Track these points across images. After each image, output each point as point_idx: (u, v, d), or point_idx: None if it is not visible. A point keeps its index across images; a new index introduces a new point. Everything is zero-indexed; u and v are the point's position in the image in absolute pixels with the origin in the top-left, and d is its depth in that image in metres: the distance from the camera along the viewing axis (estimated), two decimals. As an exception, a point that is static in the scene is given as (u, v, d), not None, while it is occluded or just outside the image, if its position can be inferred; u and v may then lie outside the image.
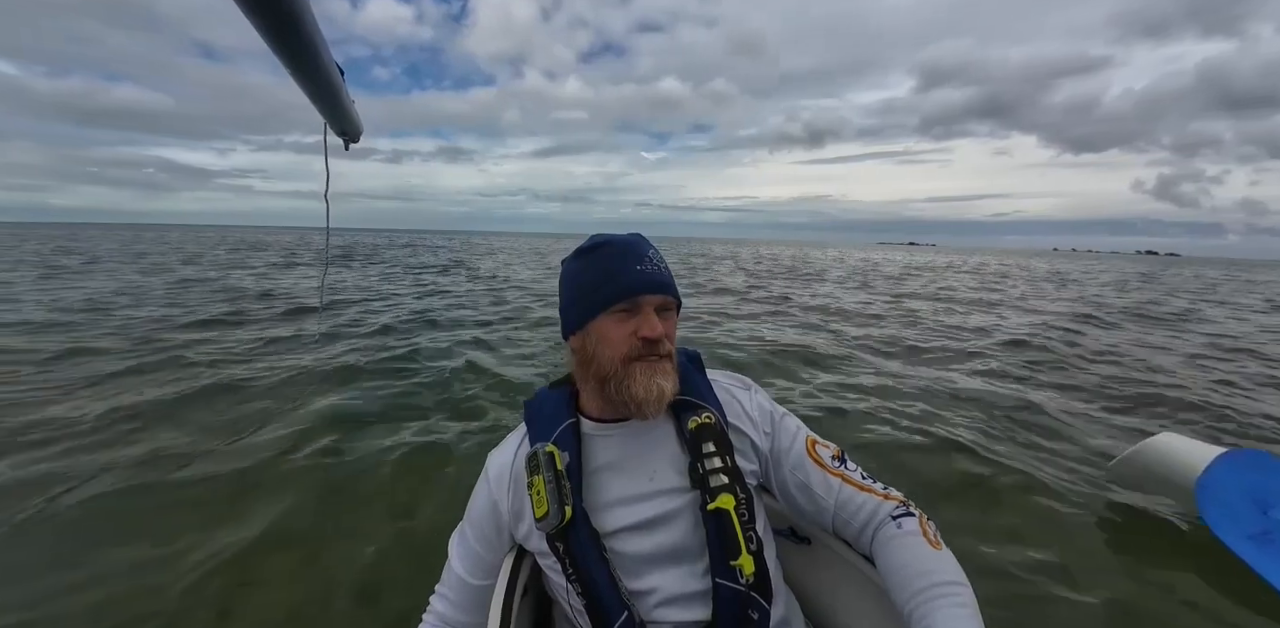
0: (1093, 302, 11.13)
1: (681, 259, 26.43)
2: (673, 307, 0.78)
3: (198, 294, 8.52)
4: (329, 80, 0.83)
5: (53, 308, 6.73)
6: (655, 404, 0.72)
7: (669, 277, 0.77)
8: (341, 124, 1.07)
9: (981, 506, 2.33)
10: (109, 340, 5.03)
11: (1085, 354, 5.58)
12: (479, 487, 0.84)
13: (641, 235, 0.80)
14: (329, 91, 0.87)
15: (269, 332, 5.68)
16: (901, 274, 19.40)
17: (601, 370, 0.74)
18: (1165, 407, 3.83)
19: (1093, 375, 4.67)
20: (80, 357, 4.43)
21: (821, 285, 13.57)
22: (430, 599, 0.87)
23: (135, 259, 16.12)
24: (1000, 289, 13.98)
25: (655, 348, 0.73)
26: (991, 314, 8.70)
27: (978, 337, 6.41)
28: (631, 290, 0.73)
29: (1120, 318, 8.67)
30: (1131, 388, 4.27)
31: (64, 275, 10.88)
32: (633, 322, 0.73)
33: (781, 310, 8.53)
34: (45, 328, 5.54)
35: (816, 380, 4.29)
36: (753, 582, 0.70)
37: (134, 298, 7.87)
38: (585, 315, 0.76)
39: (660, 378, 0.73)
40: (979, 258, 45.97)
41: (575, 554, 0.71)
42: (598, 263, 0.76)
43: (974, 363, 5.03)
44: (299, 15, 0.60)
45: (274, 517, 2.15)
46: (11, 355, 4.39)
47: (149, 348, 4.80)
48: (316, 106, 0.94)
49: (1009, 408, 3.61)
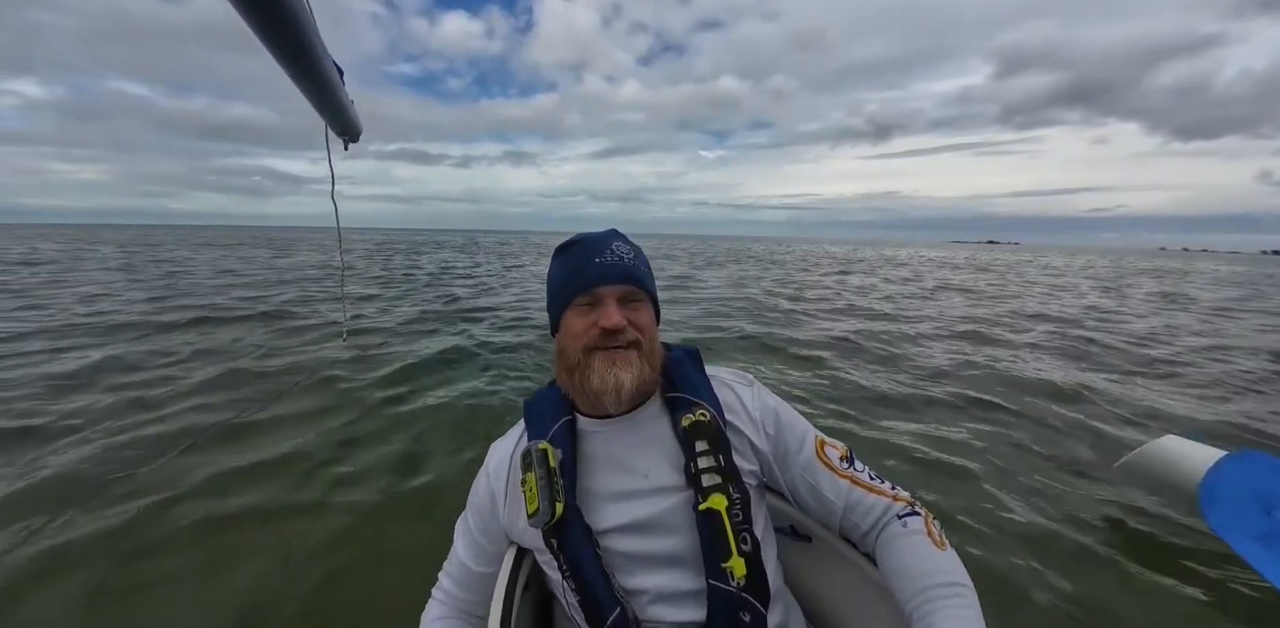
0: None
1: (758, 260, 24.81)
2: (641, 297, 0.77)
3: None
4: (327, 81, 0.83)
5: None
6: (613, 396, 0.72)
7: (633, 267, 0.76)
8: (341, 124, 1.07)
9: (985, 504, 2.33)
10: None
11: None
12: (479, 478, 0.85)
13: (615, 230, 0.82)
14: (328, 92, 0.87)
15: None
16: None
17: (568, 362, 0.75)
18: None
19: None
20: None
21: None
22: (439, 576, 0.88)
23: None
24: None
25: (615, 338, 0.73)
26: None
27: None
28: (590, 282, 0.74)
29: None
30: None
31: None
32: (594, 313, 0.74)
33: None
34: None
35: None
36: (744, 584, 0.68)
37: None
38: (556, 312, 0.78)
39: (620, 369, 0.72)
40: (1063, 260, 41.93)
41: (569, 551, 0.71)
42: (566, 261, 0.78)
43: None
44: (295, 15, 0.61)
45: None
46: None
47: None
48: (315, 106, 0.94)
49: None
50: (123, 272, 11.73)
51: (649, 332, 0.77)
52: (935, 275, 16.77)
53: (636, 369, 0.73)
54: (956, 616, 0.61)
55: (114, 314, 6.28)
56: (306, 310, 6.95)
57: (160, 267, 13.29)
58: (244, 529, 2.06)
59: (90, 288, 8.70)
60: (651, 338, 0.77)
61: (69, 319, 5.89)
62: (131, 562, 1.84)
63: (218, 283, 9.96)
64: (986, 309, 8.64)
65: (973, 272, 19.87)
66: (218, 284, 9.73)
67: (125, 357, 4.35)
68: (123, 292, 8.36)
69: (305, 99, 0.89)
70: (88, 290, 8.37)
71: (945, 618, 0.61)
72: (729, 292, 10.32)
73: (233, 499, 2.23)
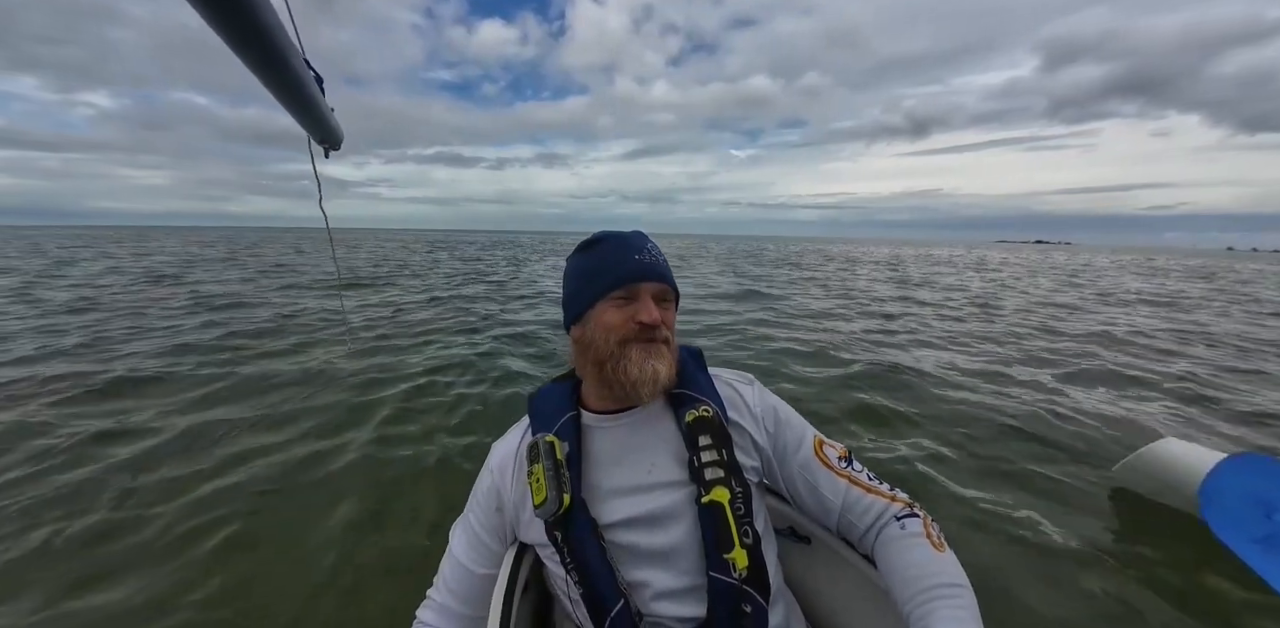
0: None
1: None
2: (671, 298, 0.79)
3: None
4: (303, 90, 0.82)
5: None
6: (650, 386, 0.73)
7: (666, 268, 0.79)
8: (321, 132, 1.07)
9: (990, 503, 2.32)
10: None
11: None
12: (482, 476, 0.85)
13: (641, 232, 0.83)
14: (304, 101, 0.86)
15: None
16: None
17: (599, 354, 0.75)
18: None
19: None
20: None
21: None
22: (428, 593, 0.83)
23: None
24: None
25: (652, 333, 0.74)
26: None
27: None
28: (630, 278, 0.75)
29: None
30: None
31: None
32: (631, 308, 0.75)
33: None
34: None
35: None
36: (745, 576, 0.69)
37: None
38: (586, 304, 0.78)
39: (656, 360, 0.73)
40: (1106, 258, 38.64)
41: (573, 543, 0.72)
42: (598, 255, 0.79)
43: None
44: (264, 24, 0.59)
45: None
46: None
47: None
48: (293, 116, 0.93)
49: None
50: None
51: (674, 331, 0.79)
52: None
53: (669, 361, 0.76)
54: (953, 617, 0.60)
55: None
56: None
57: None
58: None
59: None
60: (674, 338, 0.80)
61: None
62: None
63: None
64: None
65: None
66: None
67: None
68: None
69: (283, 107, 0.89)
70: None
71: (942, 619, 0.60)
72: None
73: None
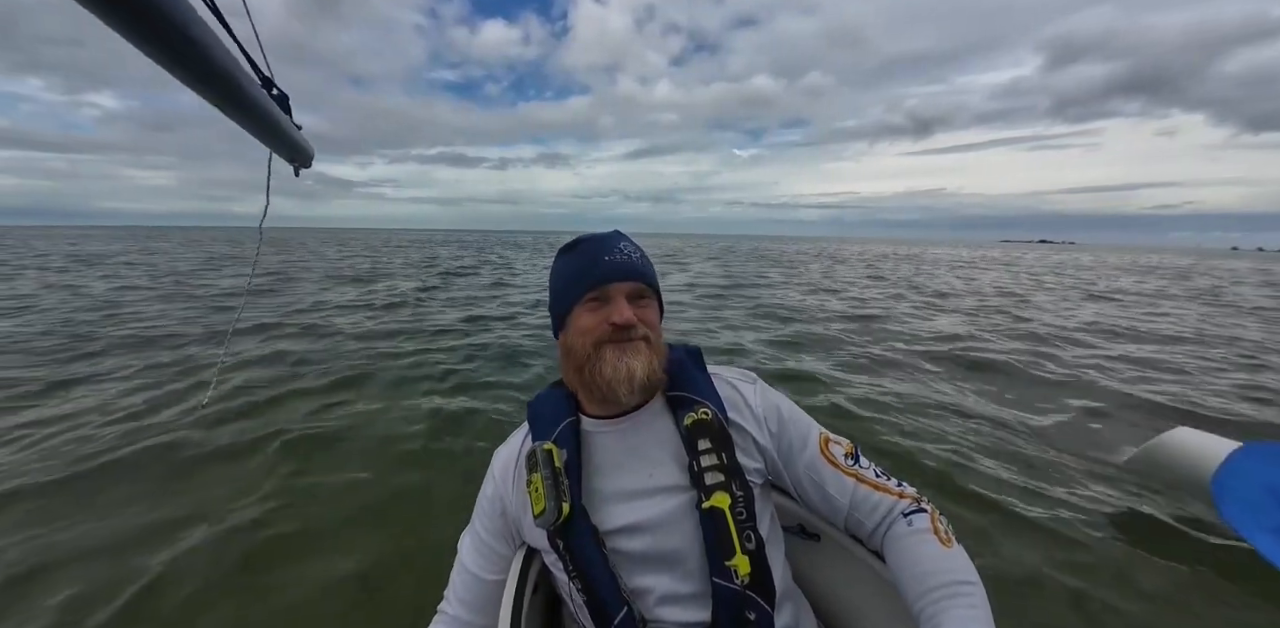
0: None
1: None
2: (649, 294, 0.78)
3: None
4: (258, 110, 0.76)
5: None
6: (626, 384, 0.72)
7: (642, 265, 0.78)
8: (287, 152, 1.00)
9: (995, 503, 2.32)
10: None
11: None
12: (486, 483, 0.85)
13: (619, 231, 0.83)
14: (263, 121, 0.80)
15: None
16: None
17: (577, 358, 0.75)
18: None
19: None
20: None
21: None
22: (440, 606, 0.83)
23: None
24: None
25: (626, 332, 0.73)
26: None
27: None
28: (600, 279, 0.74)
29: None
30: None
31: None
32: (604, 310, 0.74)
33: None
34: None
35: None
36: (749, 582, 0.68)
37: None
38: (564, 310, 0.78)
39: (631, 358, 0.72)
40: (1116, 258, 38.58)
41: (575, 551, 0.71)
42: (573, 260, 0.78)
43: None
44: (199, 44, 0.53)
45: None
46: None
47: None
48: (251, 134, 0.85)
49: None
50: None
51: (656, 328, 0.78)
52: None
53: (646, 358, 0.74)
54: (964, 616, 0.59)
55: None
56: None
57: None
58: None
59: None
60: (658, 335, 0.78)
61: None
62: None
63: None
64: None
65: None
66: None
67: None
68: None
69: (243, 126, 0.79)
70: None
71: (953, 619, 0.59)
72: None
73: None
